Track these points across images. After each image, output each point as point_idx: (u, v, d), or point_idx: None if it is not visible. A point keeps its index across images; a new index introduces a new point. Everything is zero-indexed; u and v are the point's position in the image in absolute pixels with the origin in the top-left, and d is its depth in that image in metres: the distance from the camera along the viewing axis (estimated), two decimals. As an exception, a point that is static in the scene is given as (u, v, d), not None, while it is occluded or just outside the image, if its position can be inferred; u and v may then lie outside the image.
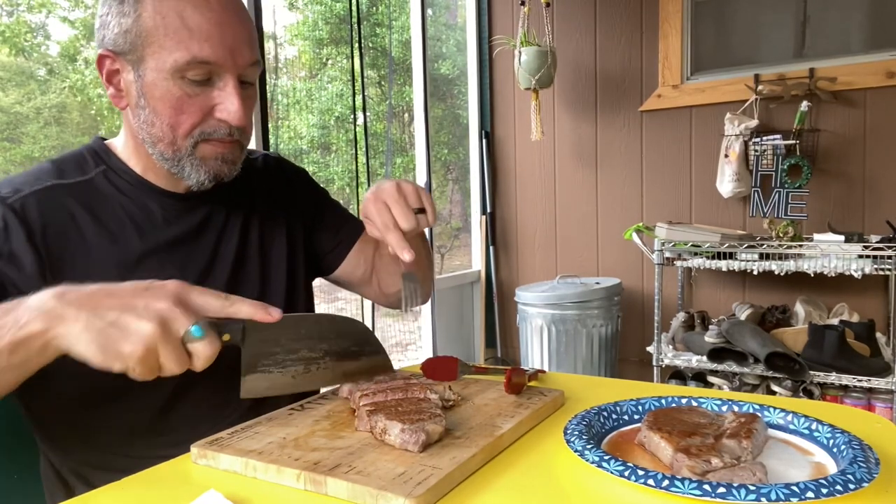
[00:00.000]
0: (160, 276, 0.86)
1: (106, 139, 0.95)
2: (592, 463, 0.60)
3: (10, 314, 0.65)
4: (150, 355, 0.62)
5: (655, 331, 2.44)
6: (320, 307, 1.22)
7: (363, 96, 2.68)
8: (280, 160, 1.12)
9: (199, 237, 0.94)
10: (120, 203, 0.89)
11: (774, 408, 0.72)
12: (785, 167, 2.34)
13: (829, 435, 0.66)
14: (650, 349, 2.47)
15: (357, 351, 0.81)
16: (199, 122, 0.84)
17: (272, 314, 0.69)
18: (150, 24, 0.80)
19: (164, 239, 0.90)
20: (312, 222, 1.10)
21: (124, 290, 0.65)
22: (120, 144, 0.93)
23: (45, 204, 0.84)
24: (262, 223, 1.01)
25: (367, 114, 2.74)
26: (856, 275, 2.11)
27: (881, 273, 2.10)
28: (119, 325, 0.62)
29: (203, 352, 0.65)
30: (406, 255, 0.83)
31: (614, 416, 0.74)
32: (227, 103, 0.84)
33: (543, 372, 0.95)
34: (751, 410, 0.73)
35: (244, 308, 0.68)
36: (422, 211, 0.86)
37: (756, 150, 2.48)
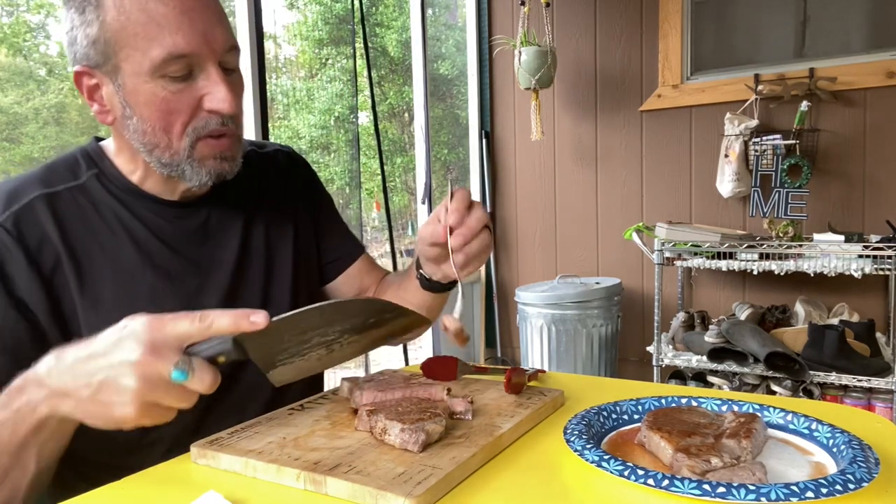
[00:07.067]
0: (156, 286, 0.86)
1: (103, 139, 0.93)
2: (592, 462, 0.60)
3: (24, 393, 0.65)
4: (147, 409, 0.61)
5: (655, 331, 2.44)
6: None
7: (371, 95, 2.67)
8: (292, 156, 1.09)
9: (196, 243, 0.91)
10: (112, 210, 0.87)
11: (774, 407, 0.72)
12: (785, 167, 2.34)
13: (828, 435, 0.66)
14: (650, 349, 2.47)
15: (376, 321, 0.75)
16: (189, 119, 0.81)
17: (256, 321, 0.63)
18: (116, 27, 0.77)
19: (159, 247, 0.88)
20: (318, 226, 1.08)
21: (97, 349, 0.62)
22: (114, 148, 0.90)
23: (31, 222, 0.81)
24: (267, 224, 0.99)
25: (368, 113, 2.74)
26: (856, 275, 2.11)
27: (881, 273, 2.10)
28: (103, 394, 0.61)
29: (199, 386, 0.62)
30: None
31: (614, 416, 0.74)
32: (215, 92, 0.80)
33: (543, 372, 0.95)
34: (751, 410, 0.73)
35: (223, 322, 0.63)
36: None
37: (756, 150, 2.48)
